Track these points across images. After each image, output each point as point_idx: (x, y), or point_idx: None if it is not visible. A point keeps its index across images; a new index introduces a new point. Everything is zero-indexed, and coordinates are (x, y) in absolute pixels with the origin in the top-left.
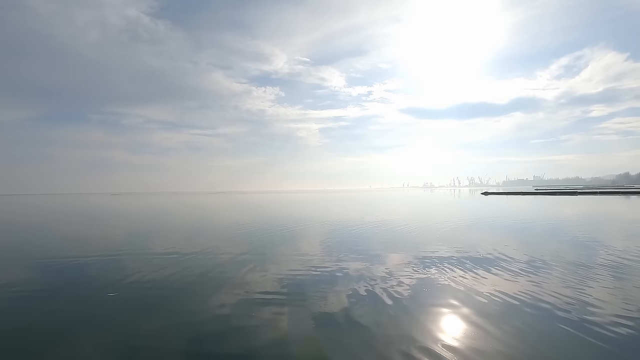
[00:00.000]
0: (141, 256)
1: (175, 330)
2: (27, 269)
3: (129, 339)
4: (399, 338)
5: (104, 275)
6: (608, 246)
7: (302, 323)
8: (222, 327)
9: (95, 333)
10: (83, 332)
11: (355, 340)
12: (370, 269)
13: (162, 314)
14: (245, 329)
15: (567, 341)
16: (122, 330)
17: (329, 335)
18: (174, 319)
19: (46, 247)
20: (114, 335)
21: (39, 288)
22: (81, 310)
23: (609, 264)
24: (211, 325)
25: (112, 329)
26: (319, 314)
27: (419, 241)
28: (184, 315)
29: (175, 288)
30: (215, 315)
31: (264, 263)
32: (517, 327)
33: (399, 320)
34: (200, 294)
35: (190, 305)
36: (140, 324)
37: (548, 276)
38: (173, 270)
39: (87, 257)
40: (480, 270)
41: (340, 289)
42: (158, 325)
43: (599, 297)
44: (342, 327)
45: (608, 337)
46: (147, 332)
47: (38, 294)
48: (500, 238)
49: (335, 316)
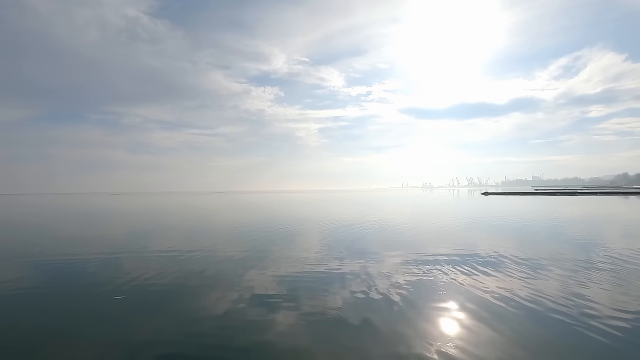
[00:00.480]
0: (142, 255)
1: (175, 329)
2: (28, 268)
3: (130, 337)
4: (399, 337)
5: (105, 274)
6: (609, 246)
7: (302, 322)
8: (222, 326)
9: (96, 331)
10: (84, 330)
11: (355, 340)
12: (371, 269)
13: (162, 312)
14: (246, 327)
15: (568, 341)
16: (123, 328)
17: (329, 334)
18: (174, 318)
19: (47, 247)
20: (114, 334)
21: (39, 287)
22: (82, 308)
23: (610, 264)
24: (211, 324)
25: (113, 327)
26: (318, 313)
27: (420, 241)
28: (184, 314)
29: (176, 287)
30: (215, 314)
31: (264, 263)
32: (517, 327)
33: (400, 319)
34: (201, 293)
35: (191, 304)
36: (141, 322)
37: (550, 276)
38: (173, 270)
39: (89, 256)
40: (482, 270)
41: (340, 289)
42: (159, 324)
43: (599, 297)
44: (342, 326)
45: (609, 335)
46: (147, 330)
47: (38, 293)
48: (501, 238)
49: (335, 315)
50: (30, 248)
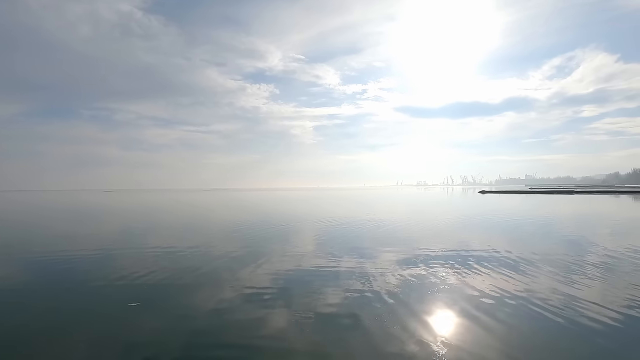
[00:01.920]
0: (135, 253)
1: (171, 326)
2: (18, 266)
3: (125, 334)
4: (392, 336)
5: (97, 272)
6: (611, 244)
7: (299, 320)
8: (218, 324)
9: (87, 329)
10: (75, 327)
11: (352, 337)
12: (367, 266)
13: (157, 309)
14: (242, 325)
15: (563, 340)
16: (118, 326)
17: (325, 332)
18: (168, 315)
19: (36, 244)
20: (107, 331)
21: (28, 284)
22: (73, 306)
23: (611, 261)
24: (207, 322)
25: (105, 324)
26: (315, 311)
27: (419, 240)
28: (179, 311)
29: (170, 284)
30: (210, 311)
31: (259, 260)
32: (515, 325)
33: (394, 317)
34: (195, 291)
35: (186, 301)
36: (135, 319)
37: (543, 273)
38: (168, 267)
39: (79, 254)
40: (482, 268)
41: (337, 286)
42: (153, 322)
43: (597, 294)
44: (338, 323)
45: (603, 333)
46: (143, 327)
47: (27, 290)
48: (502, 237)
49: (332, 313)
50: (19, 246)
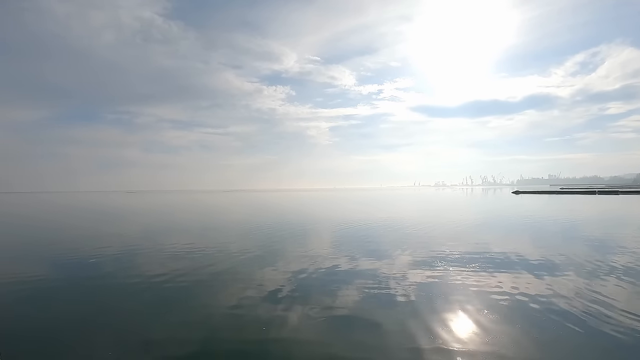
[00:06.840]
0: (157, 252)
1: (189, 324)
2: (48, 264)
3: (145, 331)
4: (409, 336)
5: (123, 270)
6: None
7: (314, 320)
8: (236, 322)
9: (111, 324)
10: (100, 323)
11: (367, 338)
12: (388, 268)
13: (177, 307)
14: (258, 324)
15: (585, 343)
16: (139, 322)
17: (340, 332)
18: (188, 313)
19: (63, 244)
20: (130, 327)
21: (60, 282)
22: (100, 302)
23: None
24: (225, 320)
25: (128, 320)
26: (331, 311)
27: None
28: (198, 310)
29: (191, 283)
30: (228, 310)
31: (278, 260)
32: (530, 329)
33: (411, 318)
34: (215, 289)
35: (205, 300)
36: (156, 317)
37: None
38: (189, 266)
39: (107, 252)
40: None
41: (354, 287)
42: (173, 318)
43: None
44: (353, 324)
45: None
46: (162, 325)
47: (58, 287)
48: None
49: (347, 314)
50: (51, 245)
